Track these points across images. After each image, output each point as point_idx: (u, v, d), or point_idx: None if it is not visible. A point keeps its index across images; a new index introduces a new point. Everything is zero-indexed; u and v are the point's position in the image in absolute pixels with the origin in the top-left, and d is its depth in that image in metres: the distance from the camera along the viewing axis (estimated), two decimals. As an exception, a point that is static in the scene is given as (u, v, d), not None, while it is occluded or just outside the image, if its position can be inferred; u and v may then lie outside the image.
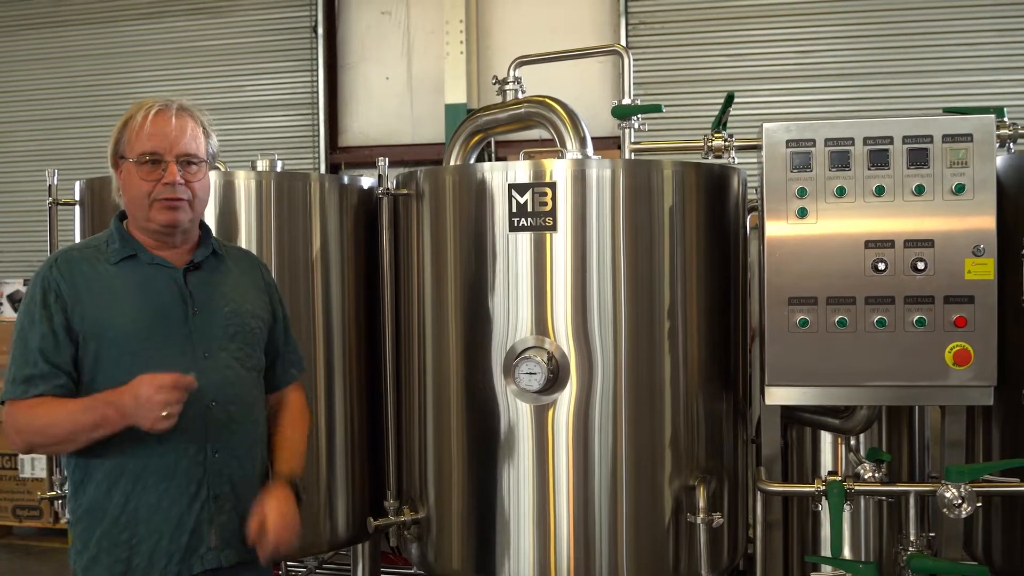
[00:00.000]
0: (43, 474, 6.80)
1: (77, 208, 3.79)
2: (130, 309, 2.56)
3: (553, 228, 3.11)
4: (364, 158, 8.08)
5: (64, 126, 8.70)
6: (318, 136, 8.32)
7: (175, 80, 8.39)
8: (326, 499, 3.65)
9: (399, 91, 8.23)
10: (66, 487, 3.17)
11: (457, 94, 7.86)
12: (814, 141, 3.05)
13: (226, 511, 2.61)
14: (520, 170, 3.16)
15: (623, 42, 7.39)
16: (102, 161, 2.70)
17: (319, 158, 8.30)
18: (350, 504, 3.72)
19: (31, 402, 2.50)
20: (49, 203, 3.83)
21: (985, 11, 6.95)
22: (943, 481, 2.99)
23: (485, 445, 3.26)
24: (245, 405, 2.68)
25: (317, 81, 8.28)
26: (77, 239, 3.79)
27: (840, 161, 3.04)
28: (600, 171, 3.14)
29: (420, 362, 3.41)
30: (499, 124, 3.90)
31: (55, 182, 3.83)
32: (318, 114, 8.30)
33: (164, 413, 2.36)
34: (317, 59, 8.28)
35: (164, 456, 2.52)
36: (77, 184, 3.79)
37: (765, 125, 3.08)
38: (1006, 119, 3.33)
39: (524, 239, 3.15)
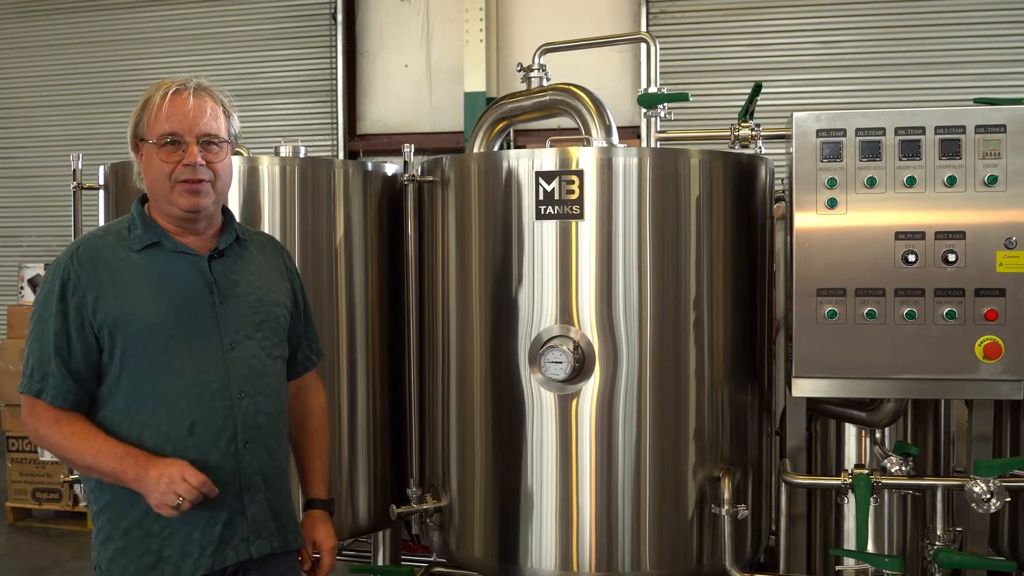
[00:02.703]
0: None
1: (101, 192, 3.79)
2: (156, 300, 2.49)
3: (580, 216, 3.09)
4: (382, 145, 8.08)
5: (87, 111, 8.73)
6: (336, 123, 8.33)
7: (195, 66, 8.40)
8: (348, 486, 3.65)
9: (418, 79, 8.22)
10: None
11: (476, 82, 7.85)
12: (844, 131, 3.02)
13: (257, 502, 2.58)
14: (547, 158, 3.14)
15: (643, 31, 7.35)
16: (125, 146, 2.66)
17: (337, 145, 8.31)
18: (371, 491, 3.71)
19: (56, 414, 2.44)
20: (73, 187, 3.82)
21: (1011, 2, 6.88)
22: (972, 476, 2.97)
23: (509, 434, 3.25)
24: (272, 395, 2.64)
25: (336, 68, 8.29)
26: (101, 224, 3.79)
27: (871, 151, 3.01)
28: (627, 159, 3.12)
29: (444, 350, 3.40)
30: (524, 112, 3.88)
31: (79, 166, 3.82)
32: (336, 101, 8.30)
33: (174, 504, 2.34)
34: (336, 46, 8.29)
35: (195, 448, 2.47)
36: (101, 168, 3.78)
37: (795, 114, 3.05)
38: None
39: (550, 227, 3.13)
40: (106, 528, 2.51)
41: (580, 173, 3.08)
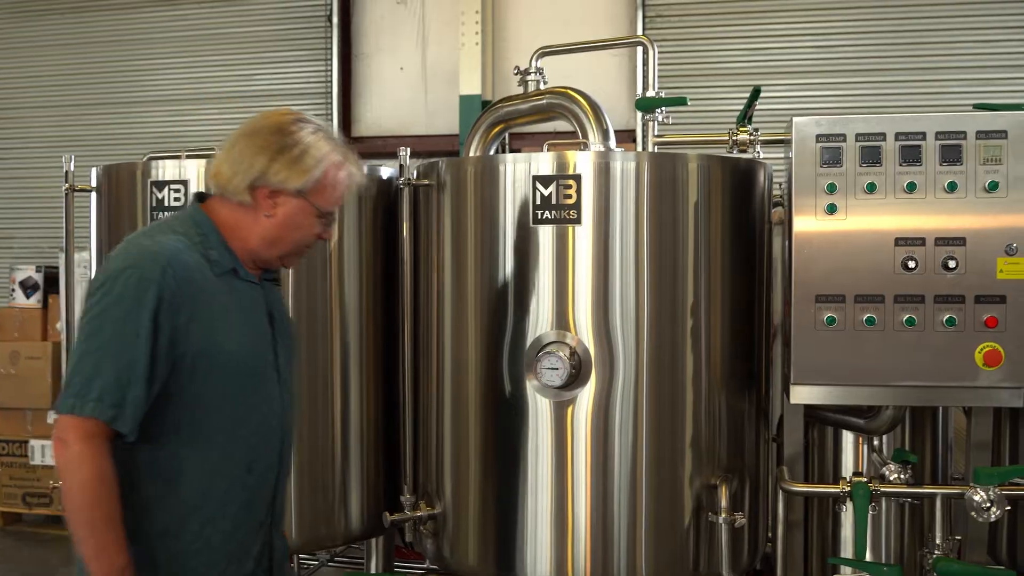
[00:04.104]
0: (53, 461, 6.80)
1: (93, 195, 3.74)
2: (238, 331, 2.36)
3: (577, 221, 3.06)
4: (377, 148, 8.03)
5: (80, 112, 8.67)
6: (331, 126, 8.28)
7: (190, 68, 8.37)
8: (340, 492, 3.60)
9: (413, 82, 8.18)
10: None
11: (472, 85, 7.81)
12: (845, 136, 3.00)
13: (279, 536, 2.55)
14: (544, 162, 3.11)
15: (641, 34, 7.32)
16: (118, 148, 2.58)
17: (332, 148, 8.26)
18: (364, 498, 3.67)
19: (107, 452, 2.17)
20: (65, 189, 3.78)
21: (1008, 7, 6.87)
22: (971, 484, 2.94)
23: (504, 440, 3.21)
24: (295, 430, 2.62)
25: (331, 70, 8.24)
26: (93, 227, 3.75)
27: (871, 156, 2.99)
28: (625, 164, 3.09)
29: (438, 355, 3.36)
30: (520, 115, 3.85)
31: (72, 168, 3.78)
32: (331, 104, 8.26)
33: None
34: (331, 48, 8.24)
35: (252, 487, 2.40)
36: (93, 171, 3.74)
37: (795, 119, 3.03)
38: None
39: (547, 232, 3.10)
40: (146, 555, 2.28)
41: (578, 178, 3.05)
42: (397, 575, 3.82)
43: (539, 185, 3.07)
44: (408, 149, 3.51)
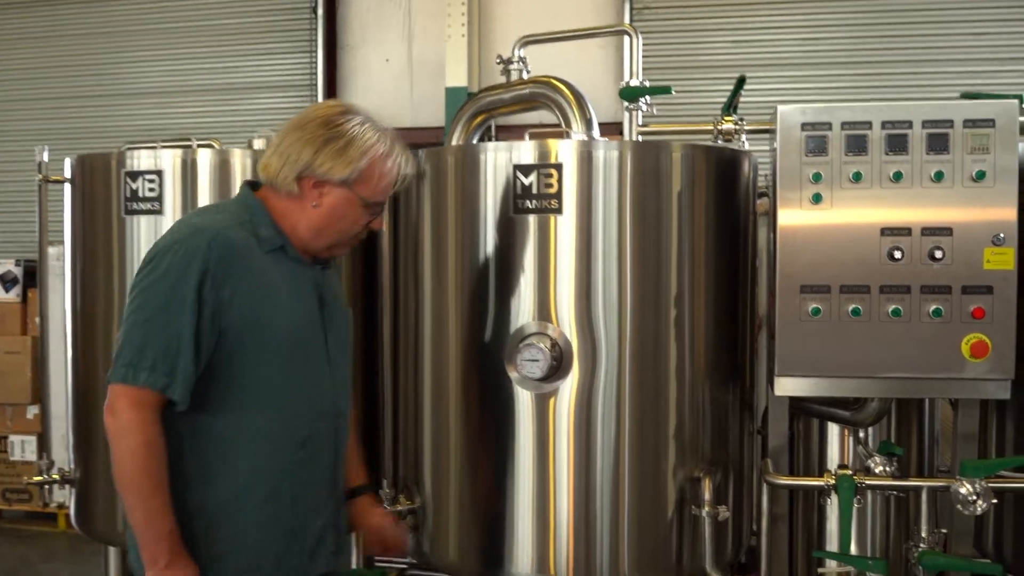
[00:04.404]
0: (33, 457, 6.74)
1: (67, 186, 3.69)
2: (287, 307, 2.40)
3: (558, 211, 3.01)
4: (363, 141, 7.98)
5: (61, 105, 8.60)
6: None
7: (172, 60, 8.30)
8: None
9: (399, 74, 8.13)
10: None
11: (458, 77, 7.77)
12: (830, 124, 2.96)
13: (342, 516, 2.61)
14: (525, 150, 3.06)
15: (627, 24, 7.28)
16: (100, 142, 2.56)
17: (318, 140, 8.20)
18: (345, 492, 3.62)
19: (158, 421, 2.27)
20: (39, 180, 3.73)
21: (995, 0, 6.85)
22: (958, 476, 2.91)
23: (484, 433, 3.17)
24: (349, 416, 2.67)
25: (316, 63, 8.19)
26: (67, 218, 3.69)
27: (857, 145, 2.94)
28: (607, 153, 3.04)
29: (418, 347, 3.31)
30: (503, 105, 3.79)
31: (45, 159, 3.72)
32: (317, 96, 8.20)
33: None
34: (316, 40, 8.20)
35: (306, 462, 2.44)
36: (67, 161, 3.68)
37: (779, 107, 2.99)
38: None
39: (528, 222, 3.05)
40: (203, 534, 2.38)
41: (559, 167, 3.00)
42: (376, 571, 3.76)
43: (520, 174, 3.02)
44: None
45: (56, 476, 3.78)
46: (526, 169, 3.02)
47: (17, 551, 6.38)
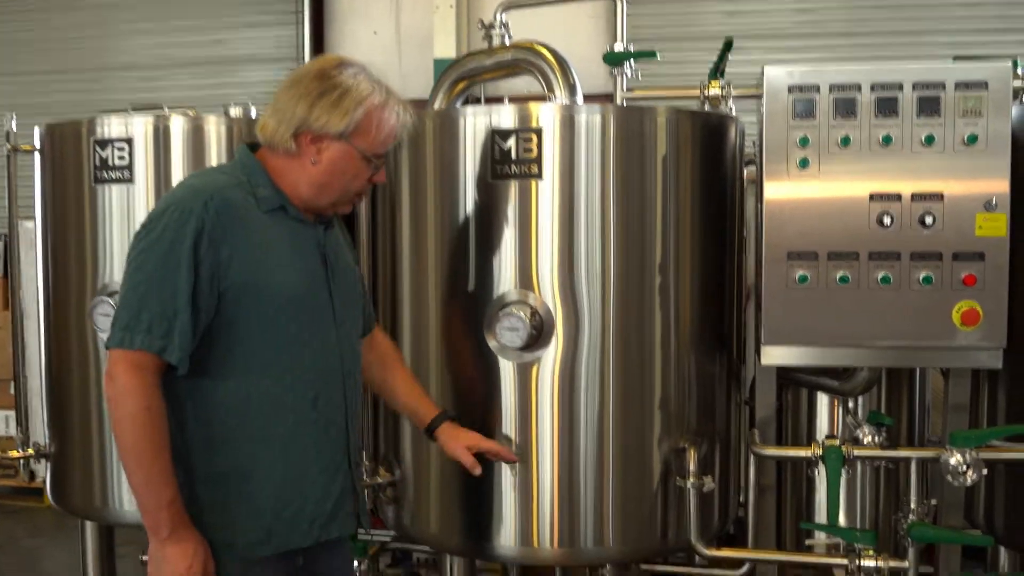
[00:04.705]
0: (15, 433, 6.68)
1: (37, 156, 3.60)
2: (288, 267, 2.34)
3: (538, 176, 2.93)
4: (350, 113, 7.90)
5: (45, 80, 8.48)
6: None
7: (157, 32, 8.19)
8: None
9: (387, 46, 8.04)
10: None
11: (446, 49, 7.68)
12: (818, 87, 2.89)
13: (359, 478, 2.57)
14: (505, 114, 2.98)
15: (616, -4, 7.18)
16: (79, 116, 2.46)
17: (305, 113, 8.11)
18: (325, 466, 3.57)
19: (158, 385, 2.22)
20: (8, 150, 3.64)
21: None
22: (947, 447, 2.85)
23: (465, 404, 3.09)
24: (361, 377, 2.61)
25: (303, 35, 8.10)
26: (37, 188, 3.61)
27: (845, 109, 2.87)
28: (590, 117, 2.96)
29: (397, 316, 3.24)
30: (484, 71, 3.72)
31: (13, 128, 3.63)
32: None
33: None
34: (303, 12, 8.10)
35: (318, 422, 2.39)
36: (36, 130, 3.59)
37: (766, 68, 2.91)
38: (1020, 71, 3.16)
39: (508, 188, 2.97)
40: (212, 498, 2.33)
41: (539, 131, 2.92)
42: (356, 545, 3.70)
43: (499, 139, 2.94)
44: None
45: (31, 451, 3.72)
46: (505, 134, 2.94)
47: (3, 526, 6.33)
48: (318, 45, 8.13)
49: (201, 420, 2.32)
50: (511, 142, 2.93)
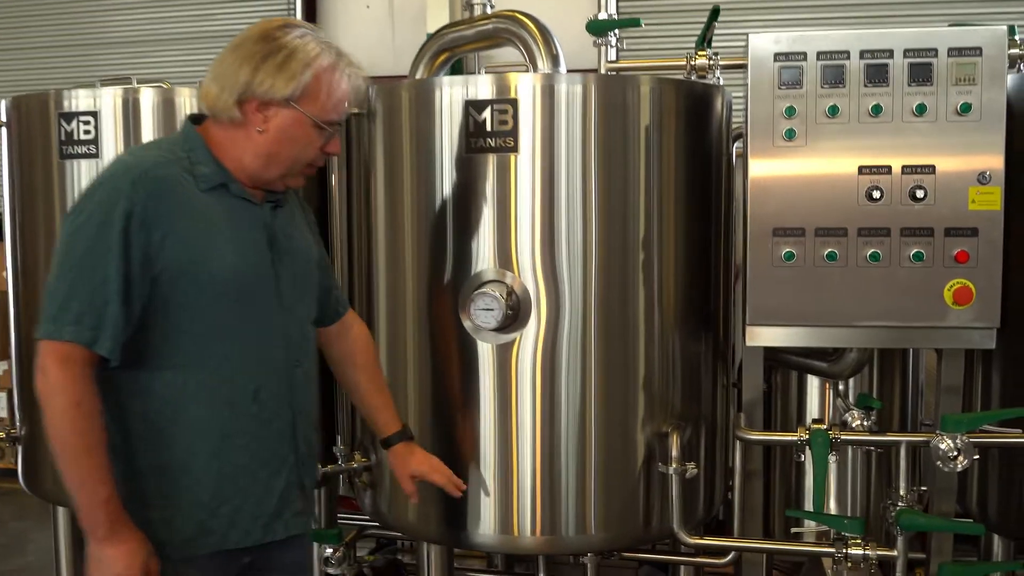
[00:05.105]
0: (4, 414, 6.61)
1: (4, 130, 3.49)
2: (227, 249, 2.20)
3: (514, 149, 2.81)
4: (342, 89, 7.80)
5: (29, 56, 8.36)
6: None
7: (143, 7, 8.05)
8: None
9: (380, 19, 7.92)
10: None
11: (440, 23, 7.51)
12: (805, 54, 2.76)
13: (308, 475, 2.43)
14: (482, 85, 2.86)
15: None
16: (27, 85, 2.32)
17: (296, 89, 8.01)
18: (301, 449, 3.48)
19: (91, 378, 2.09)
20: (-27, 126, 3.54)
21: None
22: (937, 431, 2.74)
23: (442, 386, 3.01)
24: (314, 365, 2.48)
25: (294, 9, 7.97)
26: (4, 164, 3.50)
27: (833, 77, 2.75)
28: (570, 87, 2.84)
29: (372, 297, 3.14)
30: (466, 42, 3.58)
31: (-20, 103, 3.52)
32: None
33: None
34: (295, -14, 7.97)
35: (259, 416, 2.27)
36: (2, 103, 3.48)
37: (751, 36, 2.79)
38: (1017, 38, 3.03)
39: (485, 162, 2.86)
40: (150, 494, 2.23)
41: (514, 102, 2.80)
42: (332, 532, 3.61)
43: (473, 110, 2.82)
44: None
45: (1, 434, 3.63)
46: (480, 105, 2.82)
47: (-10, 509, 6.29)
48: (310, 19, 8.00)
49: (138, 413, 2.21)
50: (486, 113, 2.82)
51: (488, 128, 2.82)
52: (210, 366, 2.21)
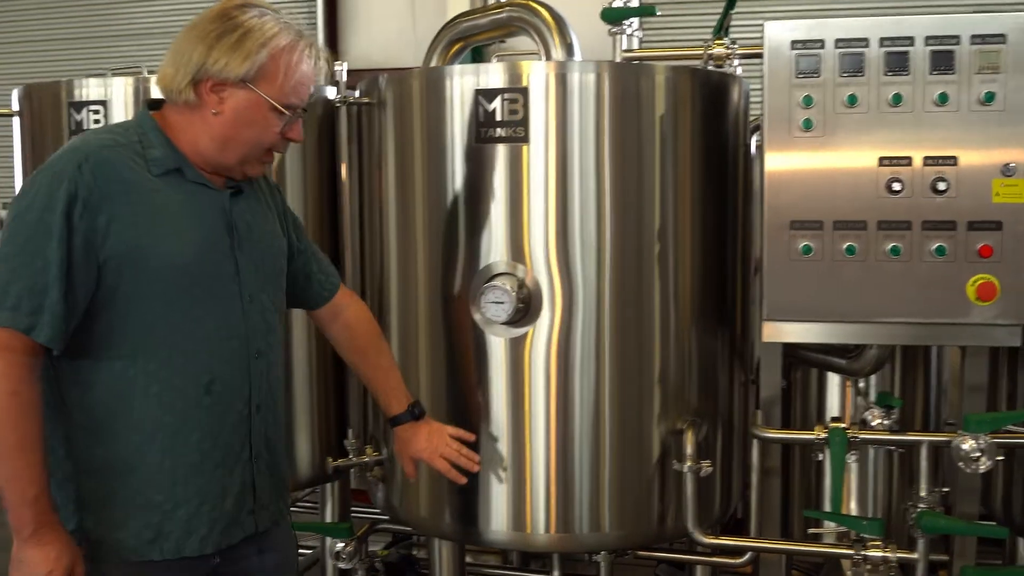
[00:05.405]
0: None
1: (16, 120, 3.47)
2: (179, 235, 2.12)
3: (525, 139, 2.76)
4: (366, 82, 7.77)
5: (41, 48, 8.36)
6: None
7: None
8: (286, 437, 3.37)
9: (401, 11, 7.87)
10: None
11: (461, 14, 7.50)
12: (823, 42, 2.69)
13: (262, 472, 2.31)
14: (493, 73, 2.81)
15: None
16: (38, 73, 2.27)
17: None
18: (313, 442, 3.45)
19: (32, 366, 2.00)
20: (-12, 115, 3.53)
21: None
22: (960, 431, 2.67)
23: (455, 381, 2.96)
24: (280, 354, 2.39)
25: (316, 3, 7.95)
26: (17, 154, 3.48)
27: (852, 65, 2.68)
28: (583, 75, 2.79)
29: (383, 290, 3.10)
30: (480, 31, 3.54)
31: (-9, 92, 3.51)
32: (317, 36, 7.96)
33: None
34: (315, -24, 7.95)
35: (211, 408, 2.17)
36: (15, 92, 3.46)
37: (767, 24, 2.73)
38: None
39: (495, 152, 2.81)
40: (95, 494, 2.13)
41: (524, 91, 2.75)
42: (342, 525, 3.57)
43: (483, 99, 2.77)
44: (346, 64, 3.22)
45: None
46: (490, 94, 2.77)
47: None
48: (332, 11, 7.99)
49: (83, 406, 2.11)
50: (496, 103, 2.77)
51: (498, 118, 2.77)
52: (160, 356, 2.12)
